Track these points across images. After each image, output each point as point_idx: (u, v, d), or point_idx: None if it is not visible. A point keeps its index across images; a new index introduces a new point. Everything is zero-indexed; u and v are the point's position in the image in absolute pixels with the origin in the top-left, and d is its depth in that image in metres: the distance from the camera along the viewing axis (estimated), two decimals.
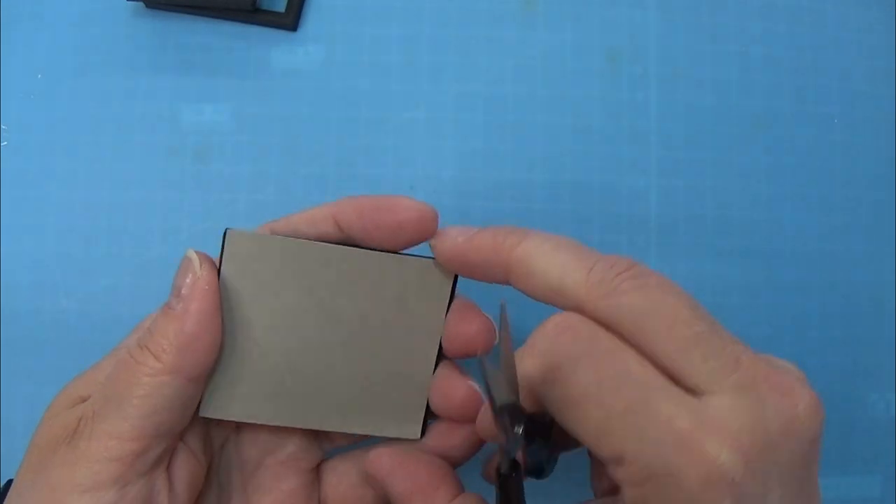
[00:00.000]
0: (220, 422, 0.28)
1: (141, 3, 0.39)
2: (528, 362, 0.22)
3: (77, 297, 0.38)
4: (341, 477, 0.30)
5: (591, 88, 0.40)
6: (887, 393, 0.39)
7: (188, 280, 0.25)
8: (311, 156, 0.39)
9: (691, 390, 0.20)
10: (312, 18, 0.40)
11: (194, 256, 0.26)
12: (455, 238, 0.26)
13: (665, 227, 0.39)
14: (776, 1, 0.41)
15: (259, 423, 0.27)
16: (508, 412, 0.21)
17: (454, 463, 0.28)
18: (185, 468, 0.26)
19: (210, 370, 0.26)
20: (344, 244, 0.27)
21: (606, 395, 0.20)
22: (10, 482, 0.25)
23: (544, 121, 0.39)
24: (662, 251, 0.39)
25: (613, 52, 0.40)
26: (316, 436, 0.30)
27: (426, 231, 0.26)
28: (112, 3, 0.40)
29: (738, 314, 0.38)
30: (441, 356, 0.28)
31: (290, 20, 0.39)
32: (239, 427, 0.29)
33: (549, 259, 0.23)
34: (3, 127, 0.39)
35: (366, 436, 0.29)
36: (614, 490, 0.22)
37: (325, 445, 0.31)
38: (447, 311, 0.28)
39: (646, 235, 0.39)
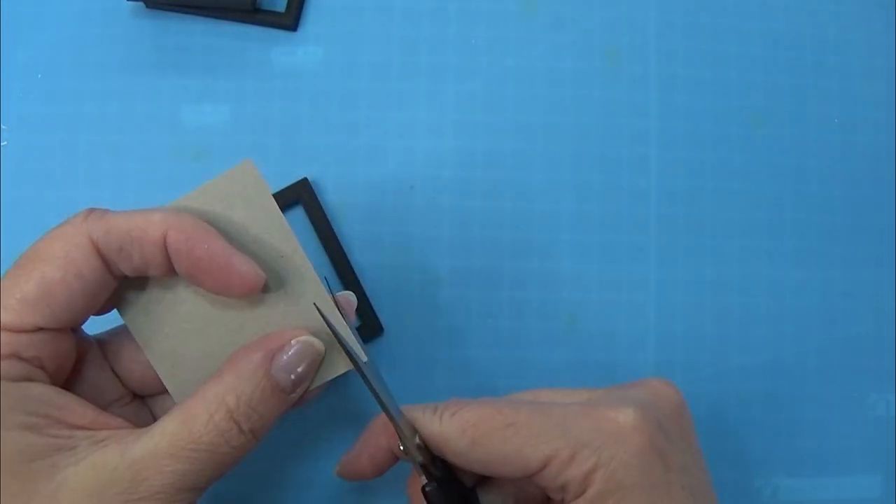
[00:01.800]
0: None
1: (141, 3, 0.39)
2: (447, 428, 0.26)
3: None
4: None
5: (591, 88, 0.40)
6: (887, 393, 0.39)
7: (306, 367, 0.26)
8: (311, 156, 0.39)
9: None
10: (312, 18, 0.40)
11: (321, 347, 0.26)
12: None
13: (665, 227, 0.39)
14: (776, 1, 0.41)
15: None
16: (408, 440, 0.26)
17: (373, 476, 0.29)
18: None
19: None
20: None
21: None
22: None
23: (544, 121, 0.39)
24: (662, 251, 0.39)
25: (613, 52, 0.40)
26: None
27: (248, 296, 0.26)
28: (112, 3, 0.40)
29: (738, 314, 0.38)
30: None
31: (290, 20, 0.39)
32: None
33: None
34: (3, 127, 0.39)
35: None
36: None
37: None
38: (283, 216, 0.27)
39: (646, 235, 0.39)
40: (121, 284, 0.26)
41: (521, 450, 0.25)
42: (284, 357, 0.25)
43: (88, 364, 0.27)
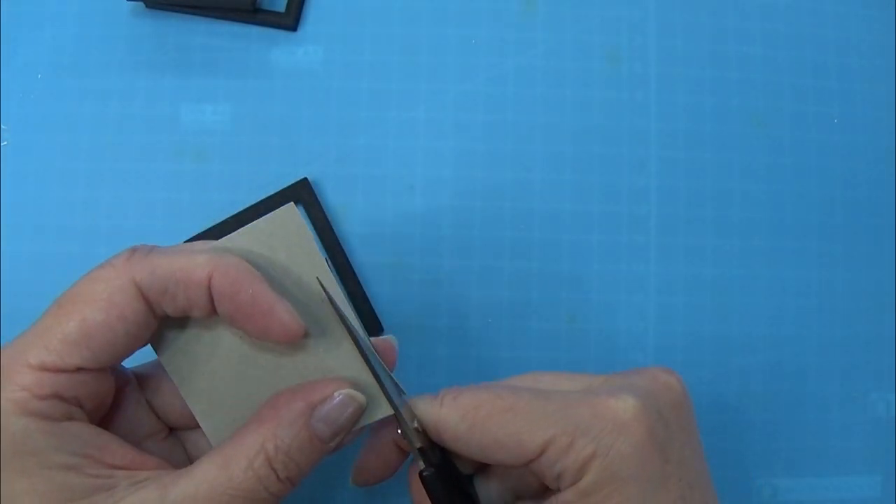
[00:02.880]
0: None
1: (141, 3, 0.39)
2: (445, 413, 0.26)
3: None
4: None
5: (591, 88, 0.40)
6: (887, 393, 0.39)
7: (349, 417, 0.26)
8: (311, 156, 0.39)
9: None
10: (312, 18, 0.40)
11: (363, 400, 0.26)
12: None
13: (665, 227, 0.39)
14: (776, 1, 0.41)
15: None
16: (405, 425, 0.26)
17: (386, 475, 0.29)
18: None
19: None
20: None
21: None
22: None
23: (544, 121, 0.39)
24: (662, 251, 0.39)
25: (613, 52, 0.40)
26: None
27: (287, 344, 0.26)
28: (112, 3, 0.40)
29: (738, 314, 0.38)
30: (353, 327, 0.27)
31: (290, 20, 0.39)
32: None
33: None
34: (3, 127, 0.39)
35: None
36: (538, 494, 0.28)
37: None
38: (328, 265, 0.27)
39: (646, 235, 0.39)
40: (159, 323, 0.26)
41: (519, 435, 0.25)
42: (326, 408, 0.25)
43: (126, 399, 0.27)
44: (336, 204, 0.38)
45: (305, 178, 0.38)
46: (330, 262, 0.27)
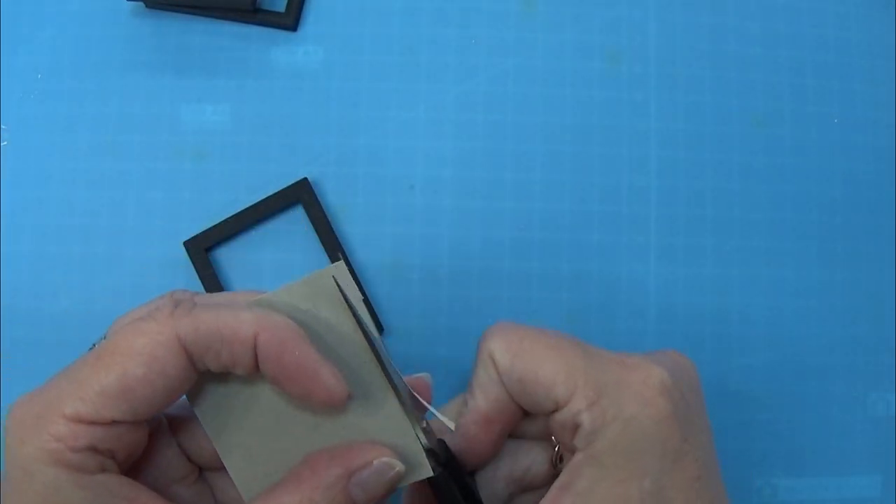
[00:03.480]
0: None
1: (141, 3, 0.39)
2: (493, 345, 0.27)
3: (77, 297, 0.38)
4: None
5: (591, 88, 0.40)
6: (887, 393, 0.39)
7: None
8: (311, 156, 0.39)
9: None
10: (312, 18, 0.40)
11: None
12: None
13: (665, 227, 0.39)
14: (776, 1, 0.41)
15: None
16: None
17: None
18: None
19: None
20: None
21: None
22: None
23: (544, 121, 0.39)
24: (662, 251, 0.39)
25: (613, 52, 0.40)
26: None
27: (330, 407, 0.26)
28: (112, 3, 0.40)
29: (738, 314, 0.38)
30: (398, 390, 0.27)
31: (290, 20, 0.39)
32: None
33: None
34: (3, 127, 0.39)
35: None
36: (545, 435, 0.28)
37: None
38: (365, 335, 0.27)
39: (646, 235, 0.39)
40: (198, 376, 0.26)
41: (555, 375, 0.25)
42: (365, 475, 0.25)
43: (157, 443, 0.27)
44: (336, 204, 0.38)
45: (305, 178, 0.38)
46: (372, 323, 0.27)
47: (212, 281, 0.37)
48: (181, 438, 0.28)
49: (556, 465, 0.28)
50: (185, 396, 0.26)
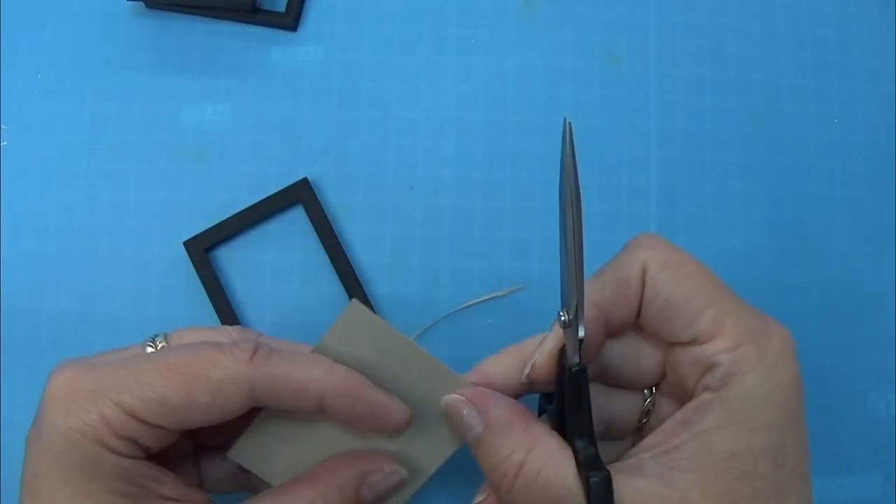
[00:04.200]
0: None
1: (141, 3, 0.39)
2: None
3: (77, 297, 0.38)
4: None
5: (591, 88, 0.40)
6: (887, 393, 0.39)
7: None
8: (311, 156, 0.39)
9: None
10: (312, 18, 0.40)
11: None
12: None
13: (665, 226, 0.39)
14: (776, 1, 0.41)
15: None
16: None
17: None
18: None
19: None
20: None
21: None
22: None
23: (544, 121, 0.39)
24: None
25: (613, 52, 0.40)
26: None
27: (398, 431, 0.28)
28: (112, 3, 0.40)
29: None
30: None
31: (290, 20, 0.39)
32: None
33: None
34: (3, 127, 0.39)
35: None
36: (680, 391, 0.27)
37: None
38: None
39: None
40: None
41: (706, 306, 0.25)
42: (375, 478, 0.28)
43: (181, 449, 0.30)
44: (336, 204, 0.38)
45: (305, 178, 0.38)
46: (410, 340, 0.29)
47: (212, 281, 0.37)
48: (201, 460, 0.31)
49: (643, 420, 0.28)
50: None
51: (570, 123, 0.25)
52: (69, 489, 0.24)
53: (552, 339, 0.27)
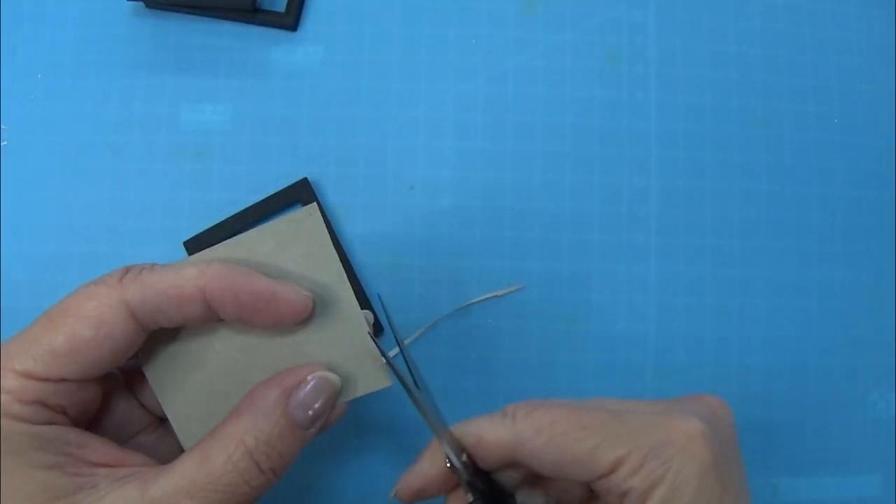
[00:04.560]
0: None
1: (141, 3, 0.39)
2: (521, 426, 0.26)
3: None
4: None
5: (591, 88, 0.40)
6: (887, 393, 0.39)
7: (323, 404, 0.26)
8: (311, 156, 0.39)
9: None
10: (312, 18, 0.40)
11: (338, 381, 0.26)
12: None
13: (665, 227, 0.39)
14: (776, 1, 0.41)
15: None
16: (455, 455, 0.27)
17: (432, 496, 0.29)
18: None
19: None
20: None
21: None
22: None
23: (544, 121, 0.39)
24: (662, 251, 0.39)
25: (613, 52, 0.40)
26: None
27: (301, 319, 0.26)
28: (112, 3, 0.40)
29: (738, 314, 0.38)
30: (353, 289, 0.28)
31: (290, 20, 0.39)
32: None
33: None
34: (3, 127, 0.39)
35: None
36: None
37: None
38: (336, 254, 0.27)
39: (646, 235, 0.39)
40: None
41: (593, 452, 0.25)
42: (301, 394, 0.25)
43: (114, 399, 0.28)
44: (336, 204, 0.38)
45: (305, 178, 0.38)
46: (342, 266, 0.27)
47: None
48: (138, 392, 0.29)
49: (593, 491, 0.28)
50: None
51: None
52: None
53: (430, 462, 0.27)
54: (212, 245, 0.37)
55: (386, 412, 0.37)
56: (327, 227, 0.27)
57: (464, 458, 0.27)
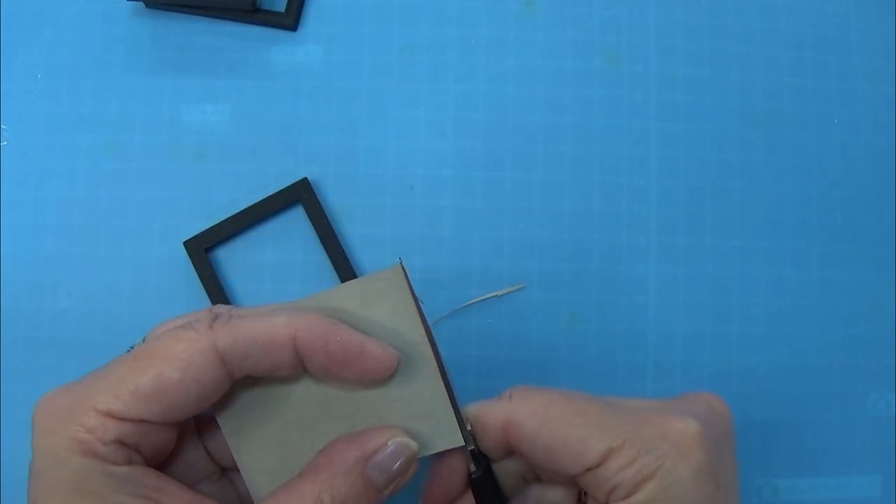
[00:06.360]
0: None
1: (141, 3, 0.39)
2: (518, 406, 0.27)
3: (77, 297, 0.38)
4: None
5: (591, 88, 0.40)
6: (887, 393, 0.39)
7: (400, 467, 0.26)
8: (311, 156, 0.39)
9: None
10: (312, 18, 0.40)
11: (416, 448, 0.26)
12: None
13: (665, 227, 0.39)
14: (776, 1, 0.41)
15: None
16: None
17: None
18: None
19: None
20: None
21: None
22: None
23: (544, 121, 0.39)
24: (662, 251, 0.39)
25: (613, 52, 0.40)
26: None
27: (386, 376, 0.27)
28: (112, 3, 0.40)
29: (738, 314, 0.38)
30: (439, 360, 0.28)
31: (290, 20, 0.39)
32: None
33: None
34: (3, 127, 0.39)
35: None
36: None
37: None
38: (420, 315, 0.27)
39: (646, 235, 0.39)
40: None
41: (586, 440, 0.25)
42: (380, 457, 0.25)
43: (184, 444, 0.28)
44: (336, 204, 0.38)
45: (305, 178, 0.38)
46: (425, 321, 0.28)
47: (212, 281, 0.37)
48: (206, 439, 0.29)
49: (582, 499, 0.28)
50: None
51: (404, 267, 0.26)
52: None
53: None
54: (212, 245, 0.37)
55: None
56: (330, 231, 0.28)
57: (468, 427, 0.27)
